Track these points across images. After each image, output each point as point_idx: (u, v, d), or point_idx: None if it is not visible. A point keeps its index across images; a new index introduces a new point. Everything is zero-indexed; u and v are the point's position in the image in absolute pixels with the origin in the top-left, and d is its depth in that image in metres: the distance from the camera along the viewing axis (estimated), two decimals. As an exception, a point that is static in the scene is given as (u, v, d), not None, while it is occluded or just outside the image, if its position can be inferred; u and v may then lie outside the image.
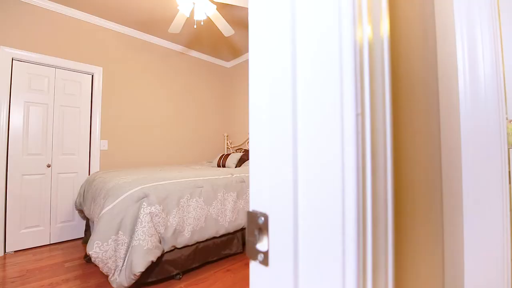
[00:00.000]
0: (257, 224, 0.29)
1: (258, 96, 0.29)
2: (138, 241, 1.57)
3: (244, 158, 3.18)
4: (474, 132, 0.70)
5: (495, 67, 0.70)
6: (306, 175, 0.24)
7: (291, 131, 0.24)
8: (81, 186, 2.52)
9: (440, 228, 0.68)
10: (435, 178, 0.65)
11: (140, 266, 1.51)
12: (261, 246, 0.29)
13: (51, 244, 2.57)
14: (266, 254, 0.28)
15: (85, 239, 2.55)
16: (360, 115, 0.22)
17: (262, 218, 0.28)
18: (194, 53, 3.92)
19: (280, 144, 0.25)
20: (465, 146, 0.70)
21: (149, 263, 1.56)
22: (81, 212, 2.63)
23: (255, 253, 0.29)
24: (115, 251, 1.55)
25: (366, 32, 0.23)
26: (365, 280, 0.22)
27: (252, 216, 0.29)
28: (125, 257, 1.58)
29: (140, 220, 1.62)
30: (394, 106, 0.27)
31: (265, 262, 0.28)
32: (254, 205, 0.30)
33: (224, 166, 3.15)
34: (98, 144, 2.88)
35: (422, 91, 0.58)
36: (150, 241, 1.60)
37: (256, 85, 0.29)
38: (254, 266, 0.29)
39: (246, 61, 4.11)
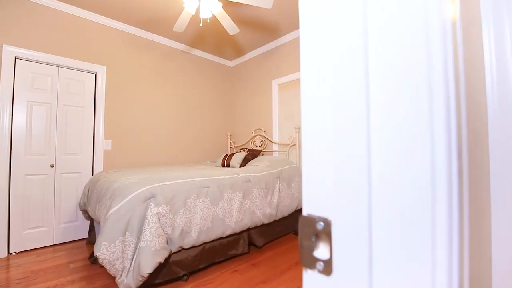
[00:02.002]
0: (314, 229, 0.27)
1: (314, 82, 0.26)
2: (145, 242, 1.54)
3: (248, 158, 3.15)
4: (503, 134, 0.68)
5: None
6: (382, 179, 0.22)
7: (364, 131, 0.22)
8: (85, 186, 2.50)
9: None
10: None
11: (148, 267, 1.49)
12: (320, 253, 0.26)
13: (55, 244, 2.54)
14: (327, 262, 0.25)
15: (89, 240, 2.52)
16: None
17: (322, 224, 0.26)
18: (198, 52, 3.90)
19: (350, 146, 0.23)
20: (492, 147, 0.68)
21: (157, 264, 1.54)
22: (85, 212, 2.60)
23: (312, 261, 0.27)
24: (123, 252, 1.53)
25: (449, 11, 0.20)
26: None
27: (308, 221, 0.27)
28: (133, 258, 1.55)
29: (147, 221, 1.60)
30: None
31: (326, 271, 0.25)
32: (310, 209, 0.28)
33: (228, 165, 3.12)
34: (102, 144, 2.86)
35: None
36: (158, 242, 1.58)
37: (312, 68, 0.27)
38: (312, 275, 0.27)
39: (249, 60, 4.08)
